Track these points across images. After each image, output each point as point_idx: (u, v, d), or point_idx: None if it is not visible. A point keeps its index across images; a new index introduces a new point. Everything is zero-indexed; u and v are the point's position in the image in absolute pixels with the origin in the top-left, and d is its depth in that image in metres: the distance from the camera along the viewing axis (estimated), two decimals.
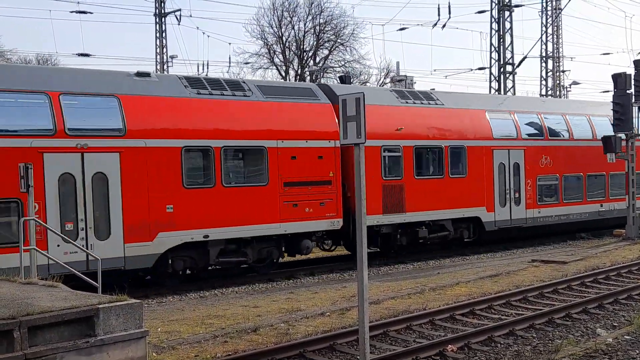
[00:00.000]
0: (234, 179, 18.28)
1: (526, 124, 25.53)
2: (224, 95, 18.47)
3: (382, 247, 22.43)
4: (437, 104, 23.16)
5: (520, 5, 41.11)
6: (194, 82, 18.50)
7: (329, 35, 53.90)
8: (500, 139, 24.11)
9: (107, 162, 16.12)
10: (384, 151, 21.06)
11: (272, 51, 53.63)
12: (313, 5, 52.78)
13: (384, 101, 21.77)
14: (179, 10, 43.00)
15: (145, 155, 16.69)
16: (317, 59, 53.73)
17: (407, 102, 22.39)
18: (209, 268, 18.95)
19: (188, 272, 18.76)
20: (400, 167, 21.39)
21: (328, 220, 19.65)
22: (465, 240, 24.33)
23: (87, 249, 15.17)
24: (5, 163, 14.79)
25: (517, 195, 24.43)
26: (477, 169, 23.29)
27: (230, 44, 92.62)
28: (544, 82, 50.39)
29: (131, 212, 16.37)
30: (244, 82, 19.55)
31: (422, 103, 22.82)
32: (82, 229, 15.75)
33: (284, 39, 53.23)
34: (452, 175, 22.65)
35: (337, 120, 18.73)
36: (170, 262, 17.39)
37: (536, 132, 25.68)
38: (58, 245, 15.07)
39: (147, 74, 18.04)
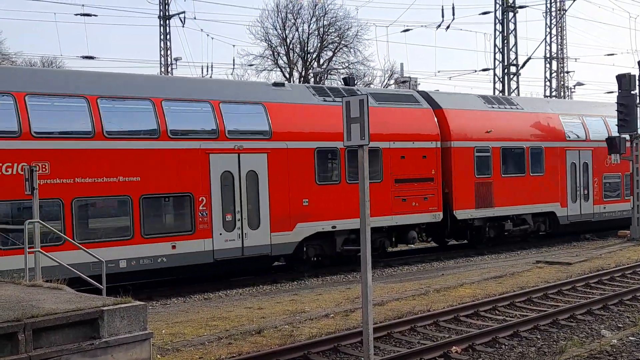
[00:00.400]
0: (355, 176, 19.56)
1: (593, 126, 27.68)
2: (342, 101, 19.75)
3: (470, 240, 24.48)
4: (517, 109, 25.59)
5: (525, 7, 41.12)
6: (320, 91, 21.01)
7: (333, 37, 53.96)
8: (572, 140, 26.54)
9: (258, 161, 18.41)
10: (476, 152, 23.32)
11: (276, 53, 53.72)
12: (317, 7, 52.85)
13: (473, 106, 24.12)
14: (183, 12, 43.03)
15: (287, 156, 19.02)
16: (321, 61, 53.76)
17: (492, 107, 24.77)
18: (334, 255, 20.85)
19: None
20: (489, 166, 23.63)
21: (431, 213, 22.00)
22: (540, 233, 26.46)
23: (242, 237, 18.02)
24: (182, 162, 17.23)
25: (585, 192, 26.81)
26: (552, 168, 25.63)
27: (234, 46, 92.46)
28: (548, 83, 50.33)
29: (276, 205, 18.73)
30: (358, 90, 22.44)
31: (505, 108, 25.25)
32: (239, 220, 18.06)
33: (288, 40, 53.30)
34: (532, 174, 24.96)
35: (437, 124, 22.25)
36: (305, 249, 19.67)
37: (601, 134, 27.28)
38: (220, 234, 17.75)
39: (282, 84, 21.05)
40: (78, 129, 16.15)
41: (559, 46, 52.19)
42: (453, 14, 42.95)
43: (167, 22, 43.91)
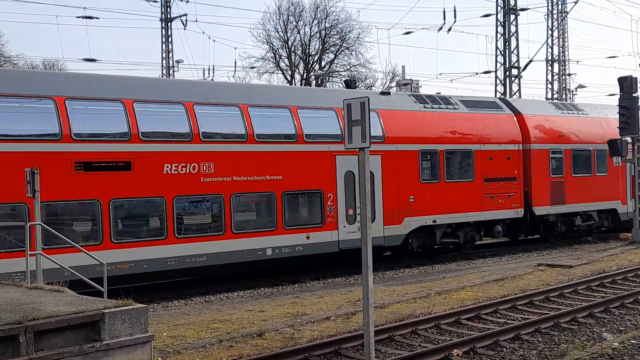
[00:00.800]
0: (452, 175, 22.82)
1: None
2: (440, 108, 23.27)
3: (544, 234, 26.69)
4: (583, 114, 27.95)
5: (526, 9, 41.17)
6: (419, 98, 23.29)
7: (334, 40, 53.98)
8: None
9: (373, 162, 19.76)
10: (551, 153, 25.74)
11: (277, 55, 53.73)
12: (319, 10, 52.88)
13: (546, 111, 26.62)
14: (185, 15, 43.11)
15: (396, 157, 21.35)
16: (323, 63, 53.78)
17: (562, 112, 27.05)
18: (434, 247, 23.34)
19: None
20: (562, 166, 26.06)
21: (514, 209, 24.36)
22: (602, 228, 28.31)
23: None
24: (314, 163, 19.59)
25: None
26: (614, 168, 27.68)
27: (236, 48, 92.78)
28: (549, 86, 50.30)
29: (388, 201, 21.02)
30: (450, 98, 24.35)
31: (573, 113, 27.55)
32: (358, 214, 19.50)
33: (289, 43, 53.33)
34: (597, 174, 27.33)
35: (519, 128, 24.78)
36: (410, 240, 21.87)
37: None
38: (344, 226, 20.06)
39: (388, 93, 23.64)
40: (235, 133, 18.50)
41: (561, 48, 52.18)
42: (454, 17, 43.22)
43: (169, 24, 43.95)
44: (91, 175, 16.15)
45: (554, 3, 47.71)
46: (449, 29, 39.76)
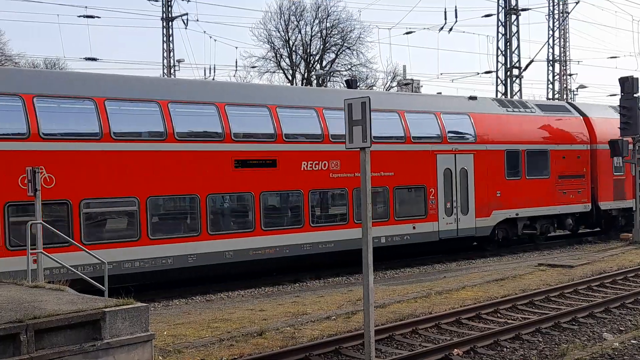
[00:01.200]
0: (531, 173, 25.04)
1: None
2: (520, 111, 25.61)
3: (606, 228, 28.46)
4: None
5: (527, 9, 41.18)
6: (501, 102, 26.00)
7: (335, 39, 54.02)
8: None
9: (467, 160, 23.09)
10: None
11: (278, 55, 53.79)
12: (320, 9, 52.90)
13: (608, 114, 28.35)
14: (186, 14, 43.14)
15: (486, 156, 23.67)
16: (324, 63, 53.78)
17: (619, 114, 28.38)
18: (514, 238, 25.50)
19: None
20: (622, 165, 27.81)
21: (582, 204, 26.63)
22: None
23: (457, 221, 22.78)
24: (419, 161, 21.95)
25: None
26: None
27: (237, 47, 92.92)
28: (550, 86, 50.27)
29: (479, 195, 23.35)
30: (527, 102, 27.10)
31: None
32: (455, 207, 22.77)
33: (290, 42, 53.36)
34: None
35: (586, 130, 27.08)
36: (495, 232, 24.11)
37: None
38: (443, 218, 22.44)
39: (475, 97, 25.21)
40: None
41: (562, 49, 52.14)
42: (456, 17, 43.07)
43: (170, 23, 43.97)
44: (246, 171, 18.34)
45: (555, 3, 47.66)
46: (450, 29, 39.77)
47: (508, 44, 38.28)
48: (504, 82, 38.62)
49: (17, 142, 15.23)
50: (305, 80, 52.45)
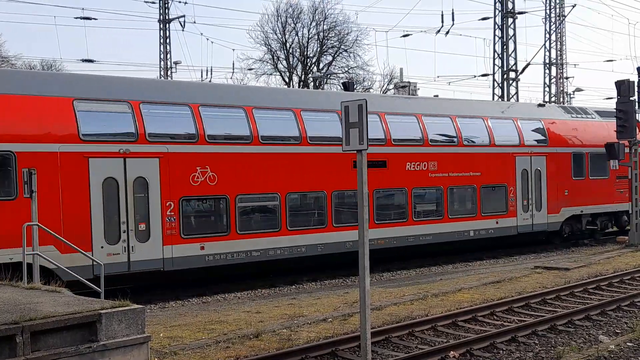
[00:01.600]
0: (593, 173, 27.40)
1: None
2: (582, 117, 28.23)
3: None
4: None
5: (524, 12, 41.17)
6: (565, 109, 28.82)
7: (332, 42, 54.04)
8: None
9: (540, 162, 25.67)
10: None
11: (275, 57, 53.77)
12: (317, 12, 52.93)
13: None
14: (183, 16, 43.07)
15: (556, 158, 26.22)
16: (321, 65, 53.81)
17: None
18: (578, 233, 27.74)
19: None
20: None
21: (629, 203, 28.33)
22: None
23: (532, 217, 25.17)
24: (501, 162, 24.50)
25: None
26: None
27: (234, 50, 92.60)
28: (547, 89, 50.36)
29: (550, 194, 25.80)
30: (587, 109, 29.49)
31: None
32: (530, 204, 25.24)
33: (287, 45, 53.36)
34: None
35: (638, 132, 27.85)
36: (563, 227, 26.57)
37: None
38: (520, 214, 24.87)
39: (543, 105, 28.71)
40: (449, 138, 23.34)
41: (558, 52, 52.22)
42: (453, 20, 43.32)
43: (167, 25, 43.95)
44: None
45: (552, 7, 47.81)
46: (447, 32, 39.89)
47: (505, 47, 38.37)
48: (500, 85, 38.69)
49: (188, 145, 17.70)
50: (302, 83, 52.45)
